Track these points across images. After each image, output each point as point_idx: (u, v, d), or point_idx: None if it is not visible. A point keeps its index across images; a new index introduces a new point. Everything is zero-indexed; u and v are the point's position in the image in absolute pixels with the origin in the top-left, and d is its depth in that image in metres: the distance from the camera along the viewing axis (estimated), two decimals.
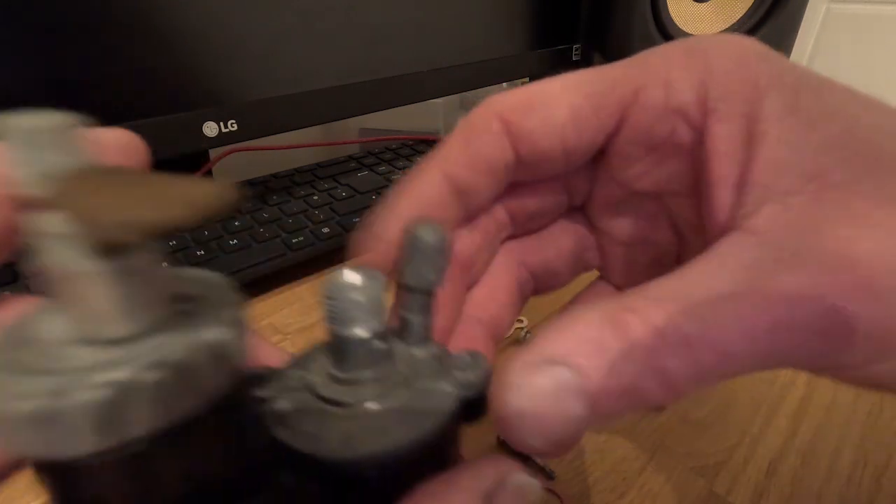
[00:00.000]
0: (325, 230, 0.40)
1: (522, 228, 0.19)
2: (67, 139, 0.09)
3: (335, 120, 0.43)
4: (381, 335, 0.12)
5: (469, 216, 0.17)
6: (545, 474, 0.25)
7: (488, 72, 0.50)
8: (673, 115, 0.14)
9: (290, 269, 0.39)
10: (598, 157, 0.17)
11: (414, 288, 0.14)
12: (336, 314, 0.12)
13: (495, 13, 0.49)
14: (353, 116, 0.48)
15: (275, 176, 0.48)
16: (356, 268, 0.12)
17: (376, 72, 0.42)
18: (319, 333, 0.13)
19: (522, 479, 0.12)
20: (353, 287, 0.12)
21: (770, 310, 0.11)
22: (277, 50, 0.37)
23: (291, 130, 0.40)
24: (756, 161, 0.13)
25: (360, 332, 0.12)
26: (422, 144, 0.57)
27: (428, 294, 0.14)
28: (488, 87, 0.61)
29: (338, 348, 0.12)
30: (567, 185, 0.18)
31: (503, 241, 0.19)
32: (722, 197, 0.14)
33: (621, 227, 0.18)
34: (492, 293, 0.18)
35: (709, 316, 0.11)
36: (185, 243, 0.37)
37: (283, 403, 0.12)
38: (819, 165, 0.12)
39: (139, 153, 0.14)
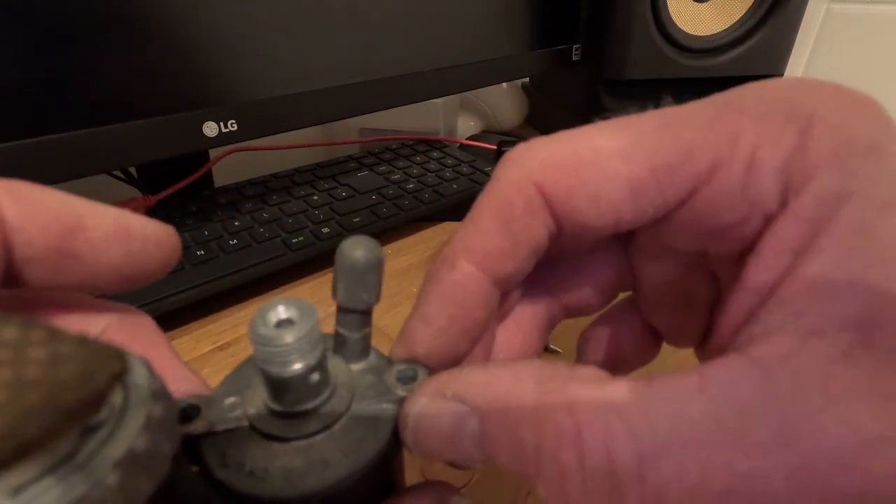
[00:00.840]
0: (325, 230, 0.40)
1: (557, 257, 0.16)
2: None
3: (335, 120, 0.43)
4: (318, 365, 0.12)
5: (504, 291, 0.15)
6: None
7: (488, 72, 0.50)
8: (747, 206, 0.12)
9: (290, 269, 0.39)
10: None
11: (349, 308, 0.14)
12: (269, 357, 0.11)
13: (495, 13, 0.49)
14: (353, 116, 0.48)
15: (275, 176, 0.48)
16: (287, 301, 0.12)
17: (376, 72, 0.42)
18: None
19: (461, 503, 0.12)
20: (284, 332, 0.11)
21: (733, 478, 0.09)
22: (277, 50, 0.37)
23: (291, 130, 0.40)
24: (793, 280, 0.10)
25: (297, 369, 0.11)
26: (422, 144, 0.57)
27: (364, 313, 0.14)
28: (488, 87, 0.61)
29: (273, 382, 0.12)
30: None
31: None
32: (742, 301, 0.12)
33: (659, 270, 0.16)
34: (521, 334, 0.17)
35: (654, 449, 0.09)
36: (186, 243, 0.37)
37: (219, 441, 0.12)
38: (867, 315, 0.09)
39: (169, 255, 0.13)
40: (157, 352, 0.14)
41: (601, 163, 0.12)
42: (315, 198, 0.45)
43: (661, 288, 0.16)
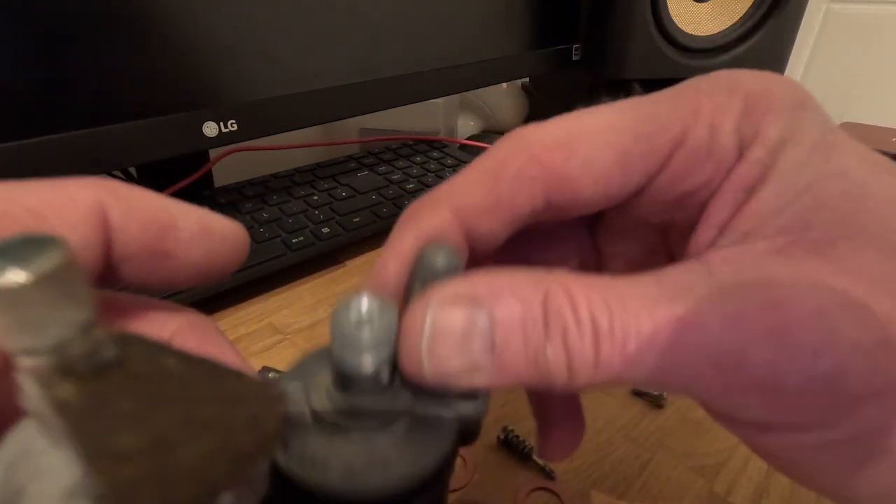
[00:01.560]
0: (325, 230, 0.40)
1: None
2: (62, 291, 0.06)
3: (335, 120, 0.43)
4: (388, 364, 0.12)
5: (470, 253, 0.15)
6: (545, 474, 0.25)
7: (488, 72, 0.50)
8: (713, 161, 0.14)
9: (290, 269, 0.39)
10: None
11: None
12: (344, 343, 0.12)
13: (495, 13, 0.49)
14: (353, 116, 0.48)
15: (275, 176, 0.48)
16: (370, 297, 0.12)
17: (376, 72, 0.42)
18: (319, 333, 0.13)
19: None
20: (363, 319, 0.12)
21: (678, 329, 0.11)
22: (277, 50, 0.37)
23: (291, 130, 0.40)
24: (745, 208, 0.13)
25: (367, 364, 0.12)
26: (422, 144, 0.57)
27: None
28: (488, 87, 0.61)
29: (343, 374, 0.12)
30: None
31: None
32: (703, 235, 0.14)
33: (623, 250, 0.18)
34: None
35: (620, 312, 0.12)
36: None
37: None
38: (801, 222, 0.12)
39: (239, 252, 0.14)
40: (224, 353, 0.14)
41: (592, 135, 0.14)
42: (315, 198, 0.45)
43: (623, 269, 0.18)
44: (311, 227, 0.41)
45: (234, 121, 0.36)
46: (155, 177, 0.44)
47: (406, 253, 0.14)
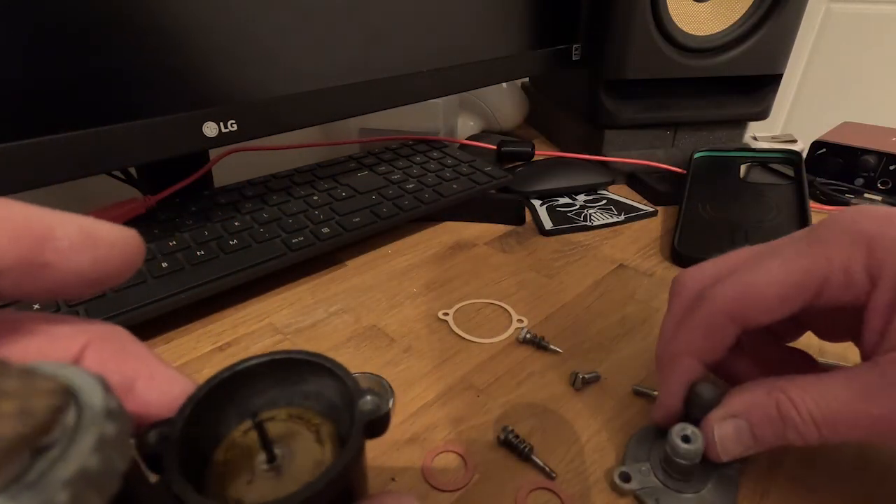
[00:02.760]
0: (325, 230, 0.40)
1: None
2: None
3: (335, 120, 0.43)
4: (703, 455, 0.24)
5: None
6: (546, 474, 0.25)
7: (488, 72, 0.50)
8: (851, 292, 0.22)
9: (290, 269, 0.39)
10: None
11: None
12: (683, 456, 0.23)
13: (495, 13, 0.49)
14: (353, 116, 0.48)
15: (275, 176, 0.48)
16: (690, 428, 0.24)
17: (376, 72, 0.42)
18: (320, 333, 0.13)
19: None
20: (692, 445, 0.23)
21: (869, 417, 0.20)
22: (277, 50, 0.37)
23: (291, 130, 0.40)
24: (894, 322, 0.21)
25: (696, 461, 0.24)
26: (422, 144, 0.57)
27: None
28: (488, 87, 0.61)
29: (679, 467, 0.24)
30: None
31: None
32: (868, 340, 0.22)
33: (820, 324, 0.28)
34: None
35: (825, 406, 0.21)
36: (185, 243, 0.37)
37: (653, 491, 0.24)
38: None
39: (132, 258, 0.13)
40: (142, 360, 0.14)
41: (763, 289, 0.23)
42: (315, 198, 0.45)
43: (818, 328, 0.28)
44: (311, 227, 0.41)
45: (234, 121, 0.36)
46: (155, 177, 0.44)
47: (678, 393, 0.24)
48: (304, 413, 0.15)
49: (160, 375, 0.14)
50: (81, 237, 0.12)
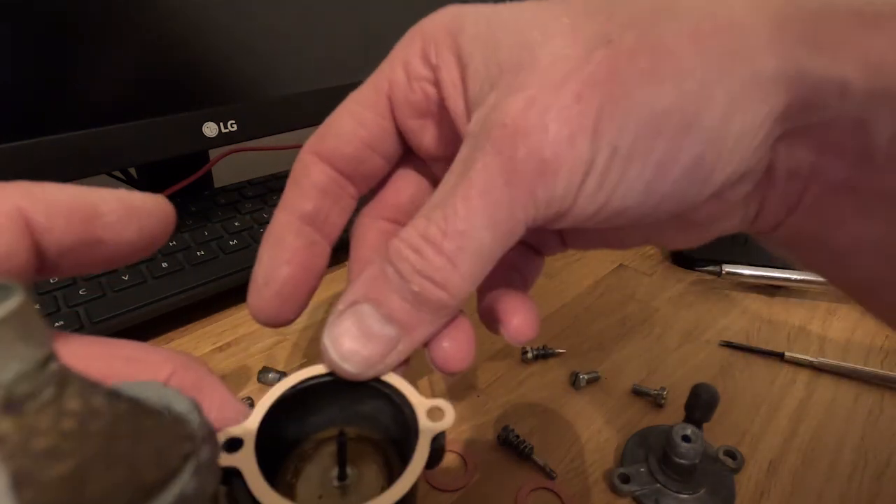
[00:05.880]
0: None
1: (365, 186, 0.21)
2: (19, 333, 0.07)
3: None
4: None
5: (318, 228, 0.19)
6: (545, 474, 0.25)
7: None
8: (416, 84, 0.17)
9: None
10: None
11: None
12: (683, 455, 0.23)
13: None
14: None
15: (275, 176, 0.48)
16: (690, 428, 0.24)
17: None
18: (320, 333, 0.13)
19: None
20: (692, 444, 0.23)
21: (480, 188, 0.13)
22: (277, 50, 0.37)
23: (291, 130, 0.40)
24: (466, 84, 0.16)
25: (696, 461, 0.24)
26: None
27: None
28: None
29: (680, 467, 0.24)
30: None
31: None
32: (460, 124, 0.16)
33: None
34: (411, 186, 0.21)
35: (438, 222, 0.14)
36: (185, 244, 0.37)
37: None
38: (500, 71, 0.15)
39: (168, 223, 0.15)
40: (215, 390, 0.14)
41: (336, 117, 0.19)
42: None
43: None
44: None
45: (234, 121, 0.36)
46: (155, 177, 0.44)
47: (275, 263, 0.18)
48: (370, 434, 0.15)
49: (229, 406, 0.14)
50: (125, 210, 0.13)
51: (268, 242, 0.18)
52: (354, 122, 0.18)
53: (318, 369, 0.15)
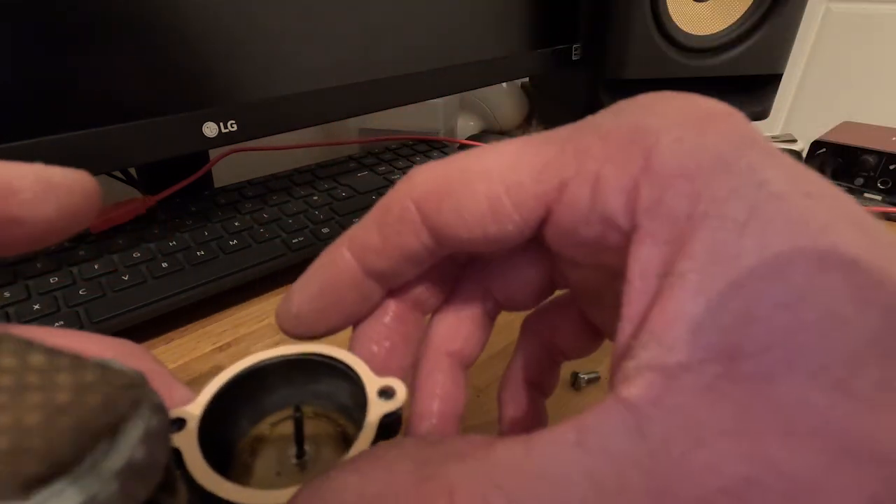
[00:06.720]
0: (325, 230, 0.40)
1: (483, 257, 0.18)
2: None
3: (335, 120, 0.43)
4: None
5: (398, 286, 0.16)
6: None
7: (488, 72, 0.50)
8: (599, 221, 0.12)
9: (290, 269, 0.39)
10: None
11: None
12: None
13: (495, 13, 0.49)
14: (353, 116, 0.48)
15: (275, 176, 0.48)
16: None
17: (376, 72, 0.42)
18: None
19: None
20: None
21: None
22: (277, 50, 0.37)
23: (291, 130, 0.40)
24: (662, 305, 0.10)
25: None
26: (422, 144, 0.57)
27: None
28: (488, 87, 0.61)
29: None
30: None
31: (466, 264, 0.18)
32: (624, 329, 0.11)
33: (576, 273, 0.17)
34: (457, 323, 0.18)
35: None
36: (185, 243, 0.37)
37: None
38: (731, 341, 0.09)
39: (92, 199, 0.13)
40: (160, 375, 0.14)
41: (466, 182, 0.13)
42: (315, 198, 0.45)
43: (584, 288, 0.17)
44: (311, 227, 0.41)
45: (234, 121, 0.36)
46: (155, 177, 0.44)
47: (310, 284, 0.16)
48: (328, 412, 0.15)
49: (176, 391, 0.14)
50: (42, 186, 0.12)
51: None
52: (488, 203, 0.13)
53: (272, 352, 0.15)
